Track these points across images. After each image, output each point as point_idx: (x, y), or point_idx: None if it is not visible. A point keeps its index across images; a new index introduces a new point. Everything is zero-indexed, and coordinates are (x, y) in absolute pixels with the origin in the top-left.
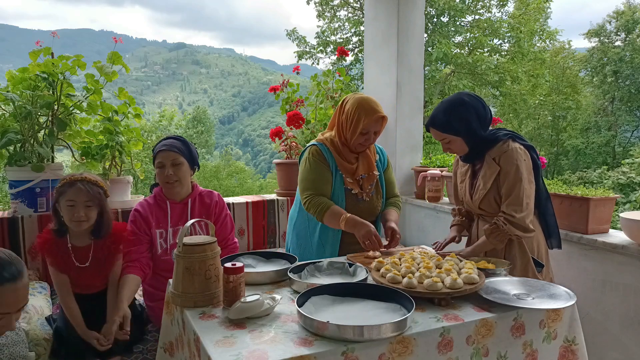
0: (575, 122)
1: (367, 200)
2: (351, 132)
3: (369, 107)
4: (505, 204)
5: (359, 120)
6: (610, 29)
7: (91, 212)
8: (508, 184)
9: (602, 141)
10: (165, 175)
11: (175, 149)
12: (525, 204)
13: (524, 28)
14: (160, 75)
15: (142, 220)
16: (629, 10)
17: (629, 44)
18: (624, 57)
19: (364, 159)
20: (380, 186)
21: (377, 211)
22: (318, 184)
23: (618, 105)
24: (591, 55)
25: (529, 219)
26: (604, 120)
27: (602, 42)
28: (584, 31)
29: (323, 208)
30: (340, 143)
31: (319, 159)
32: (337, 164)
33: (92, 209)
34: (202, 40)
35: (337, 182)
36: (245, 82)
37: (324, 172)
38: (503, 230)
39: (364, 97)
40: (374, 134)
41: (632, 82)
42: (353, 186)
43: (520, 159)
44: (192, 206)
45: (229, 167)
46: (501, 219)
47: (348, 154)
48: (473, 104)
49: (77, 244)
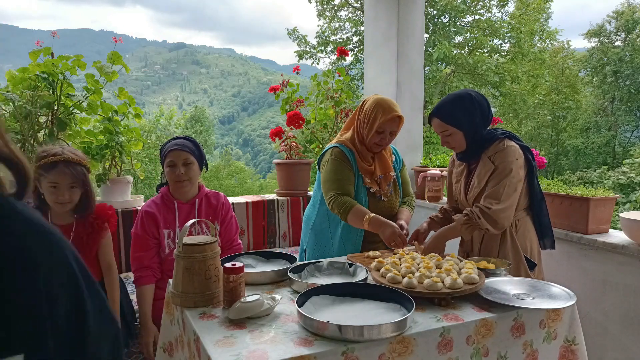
0: (575, 122)
1: (385, 200)
2: (367, 129)
3: (386, 106)
4: (484, 196)
5: (376, 119)
6: (610, 29)
7: (75, 194)
8: (494, 178)
9: (602, 141)
10: (177, 174)
11: (186, 149)
12: (504, 198)
13: (524, 28)
14: (160, 75)
15: (152, 222)
16: (628, 10)
17: (628, 44)
18: (624, 57)
19: (381, 160)
20: (398, 186)
21: (396, 210)
22: (342, 184)
23: (618, 105)
24: (591, 55)
25: (505, 214)
26: (604, 120)
27: (601, 42)
28: (584, 31)
29: (347, 207)
30: (358, 142)
31: (342, 159)
32: (358, 165)
33: (75, 190)
34: (203, 40)
35: (359, 182)
36: (245, 82)
37: (347, 172)
38: (474, 223)
39: (383, 97)
40: (390, 134)
41: (632, 82)
42: (372, 185)
43: (513, 157)
44: (199, 207)
45: (229, 167)
46: (476, 210)
47: (365, 154)
48: (479, 100)
49: (58, 222)
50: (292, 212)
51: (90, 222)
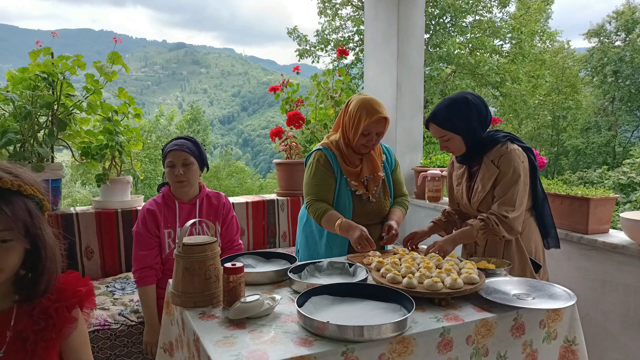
0: (575, 122)
1: (373, 202)
2: (353, 132)
3: (370, 108)
4: (497, 203)
5: (360, 121)
6: (610, 29)
7: (9, 254)
8: (504, 184)
9: (602, 141)
10: (176, 174)
11: (186, 149)
12: (518, 205)
13: (524, 29)
14: (160, 75)
15: (153, 221)
16: (628, 10)
17: (628, 44)
18: (624, 57)
19: (368, 161)
20: (388, 187)
21: (385, 212)
22: (319, 190)
23: (618, 105)
24: (591, 55)
25: (519, 220)
26: (604, 120)
27: (602, 42)
28: (584, 31)
29: (321, 213)
30: (344, 144)
31: (323, 164)
32: (342, 168)
33: (11, 246)
34: (204, 40)
35: (342, 184)
36: (245, 82)
37: (327, 178)
38: (492, 229)
39: (367, 97)
40: (376, 135)
41: (632, 82)
42: (358, 188)
43: (518, 161)
44: (200, 207)
45: (229, 167)
46: (493, 217)
47: (352, 155)
48: (476, 103)
49: None
50: (292, 212)
51: (45, 309)
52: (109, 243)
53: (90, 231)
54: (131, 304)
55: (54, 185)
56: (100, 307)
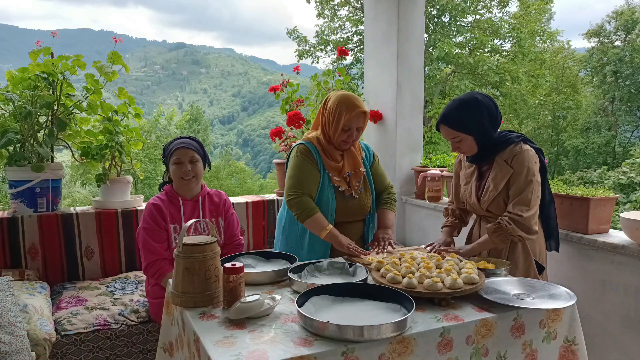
0: (575, 122)
1: (356, 198)
2: (334, 128)
3: (349, 103)
4: (512, 204)
5: (341, 116)
6: (610, 29)
7: None
8: (518, 184)
9: (602, 141)
10: (184, 171)
11: (192, 147)
12: (533, 205)
13: (524, 28)
14: (160, 75)
15: (160, 215)
16: (628, 11)
17: (628, 44)
18: (624, 57)
19: (350, 157)
20: (369, 183)
21: (368, 208)
22: (305, 183)
23: (618, 105)
24: (591, 55)
25: (534, 220)
26: (604, 120)
27: (601, 42)
28: (584, 31)
29: (308, 213)
30: (325, 141)
31: (308, 157)
32: (324, 163)
33: None
34: (204, 40)
35: (325, 181)
36: (245, 82)
37: (312, 170)
38: (506, 230)
39: (345, 93)
40: (356, 130)
41: (632, 82)
42: (340, 184)
43: (532, 161)
44: (202, 203)
45: (229, 167)
46: (505, 218)
47: (333, 152)
48: (486, 103)
49: None
50: None
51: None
52: (109, 243)
53: (90, 231)
54: (131, 304)
55: (53, 185)
56: (100, 307)
